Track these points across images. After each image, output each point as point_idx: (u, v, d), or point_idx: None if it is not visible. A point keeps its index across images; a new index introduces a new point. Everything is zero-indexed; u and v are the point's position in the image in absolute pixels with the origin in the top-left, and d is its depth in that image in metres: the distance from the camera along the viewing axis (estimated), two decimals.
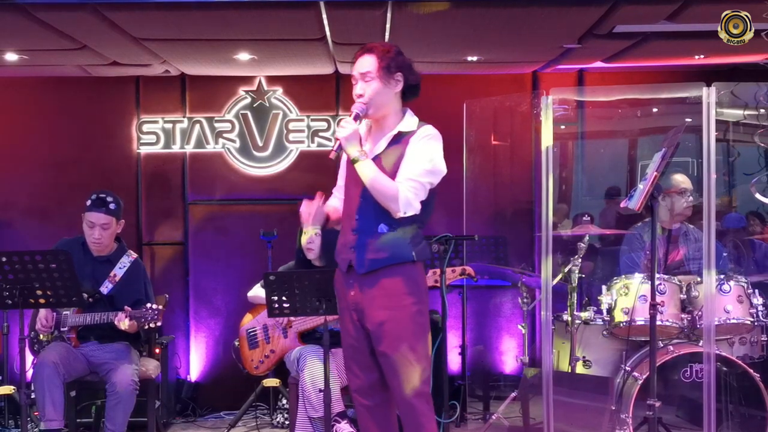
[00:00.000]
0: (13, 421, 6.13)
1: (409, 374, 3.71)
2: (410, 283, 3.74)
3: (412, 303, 3.73)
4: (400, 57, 3.85)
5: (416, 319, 3.73)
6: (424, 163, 3.74)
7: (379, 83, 3.79)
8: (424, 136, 3.81)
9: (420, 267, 3.80)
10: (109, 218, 5.10)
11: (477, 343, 6.95)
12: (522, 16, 5.11)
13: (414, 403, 3.72)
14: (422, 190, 3.74)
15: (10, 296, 4.27)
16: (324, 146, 6.96)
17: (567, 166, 7.21)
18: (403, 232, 3.76)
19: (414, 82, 3.88)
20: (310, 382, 4.73)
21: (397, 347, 3.70)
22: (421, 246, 3.81)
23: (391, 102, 3.84)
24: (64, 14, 4.95)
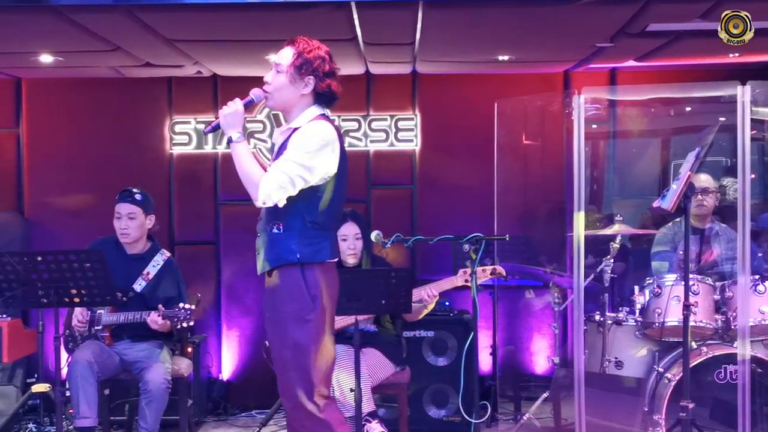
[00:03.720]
0: (48, 419, 6.18)
1: (286, 381, 3.68)
2: (292, 286, 3.65)
3: (294, 309, 3.64)
4: (318, 61, 3.70)
5: (295, 325, 3.63)
6: (297, 157, 3.60)
7: (285, 79, 3.72)
8: (305, 130, 3.68)
9: (310, 269, 3.64)
10: (135, 208, 5.15)
11: (508, 343, 6.92)
12: (554, 16, 5.09)
13: (289, 411, 3.73)
14: (289, 183, 3.58)
15: (45, 295, 4.32)
16: (355, 146, 6.97)
17: (599, 165, 7.17)
18: (291, 232, 3.66)
19: (321, 91, 3.74)
20: (340, 382, 4.73)
21: (278, 350, 3.69)
22: (313, 248, 3.65)
23: (297, 100, 3.75)
24: (98, 16, 4.99)
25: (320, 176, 3.65)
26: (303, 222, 3.66)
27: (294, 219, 3.66)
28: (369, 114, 7.01)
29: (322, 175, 3.65)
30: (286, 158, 3.63)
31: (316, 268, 3.67)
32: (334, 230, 3.85)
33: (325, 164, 3.65)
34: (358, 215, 5.18)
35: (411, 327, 5.72)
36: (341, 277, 4.41)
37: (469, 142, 6.96)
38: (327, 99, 3.79)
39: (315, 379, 3.65)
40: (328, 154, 3.66)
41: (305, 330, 3.63)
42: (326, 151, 3.65)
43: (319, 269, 3.68)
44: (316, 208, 3.67)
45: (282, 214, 3.67)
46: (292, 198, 3.64)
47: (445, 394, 5.94)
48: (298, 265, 3.65)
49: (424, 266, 6.96)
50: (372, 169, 7.05)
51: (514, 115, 6.36)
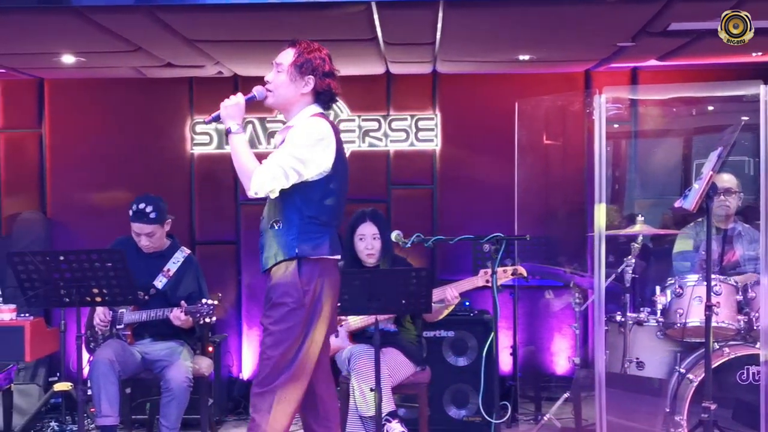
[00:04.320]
0: (70, 417, 6.22)
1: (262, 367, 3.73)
2: (287, 280, 3.69)
3: (284, 302, 3.69)
4: (318, 61, 3.81)
5: (280, 317, 3.69)
6: (291, 150, 3.67)
7: (286, 78, 3.80)
8: (301, 126, 3.75)
9: (307, 265, 3.70)
10: (152, 227, 5.18)
11: (528, 343, 6.91)
12: (575, 15, 5.07)
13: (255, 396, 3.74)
14: (282, 175, 3.64)
15: (68, 294, 4.34)
16: (375, 146, 6.98)
17: (620, 165, 7.14)
18: (289, 228, 3.71)
19: (320, 90, 3.82)
20: (360, 381, 4.74)
21: (263, 339, 3.75)
22: (311, 243, 3.70)
23: (297, 99, 3.82)
24: (119, 17, 5.02)
25: (314, 170, 3.70)
26: (301, 216, 3.71)
27: (292, 214, 3.72)
28: (389, 114, 7.01)
29: (316, 169, 3.70)
30: (282, 151, 3.70)
31: (313, 264, 3.72)
32: (335, 227, 3.84)
33: (319, 158, 3.70)
34: (377, 215, 5.18)
35: (431, 327, 5.71)
36: (361, 277, 4.43)
37: (490, 141, 6.95)
38: (326, 98, 3.87)
39: (287, 374, 3.68)
40: (323, 149, 3.71)
41: (289, 324, 3.68)
42: (321, 145, 3.71)
43: (316, 265, 3.72)
44: (314, 203, 3.72)
45: (280, 210, 3.74)
46: (289, 194, 3.70)
47: (466, 394, 5.93)
48: (295, 260, 3.70)
49: (444, 266, 6.95)
50: (392, 169, 7.05)
51: (535, 115, 6.35)
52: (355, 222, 5.14)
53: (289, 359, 3.69)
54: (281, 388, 3.68)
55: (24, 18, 5.01)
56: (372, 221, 5.11)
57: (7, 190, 7.11)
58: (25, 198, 7.11)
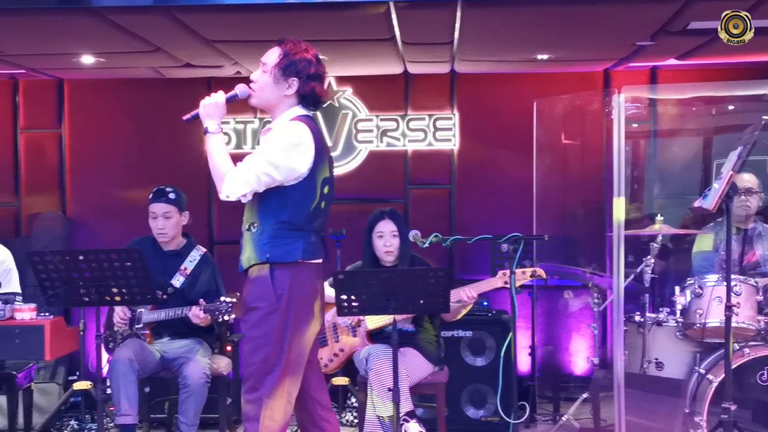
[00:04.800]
0: (89, 416, 6.25)
1: (249, 374, 3.74)
2: (260, 285, 3.68)
3: (259, 307, 3.67)
4: (303, 63, 3.73)
5: (257, 323, 3.68)
6: (265, 154, 3.62)
7: (270, 79, 3.75)
8: (278, 129, 3.70)
9: (279, 269, 3.66)
10: (170, 207, 5.19)
11: (547, 343, 6.89)
12: (594, 14, 5.05)
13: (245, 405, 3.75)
14: (255, 180, 3.60)
15: (87, 294, 4.36)
16: (393, 146, 6.98)
17: (639, 165, 7.11)
18: (263, 231, 3.69)
19: (304, 93, 3.75)
20: (378, 381, 4.73)
21: (243, 345, 3.75)
22: (283, 248, 3.67)
23: (280, 101, 3.76)
24: (138, 17, 5.04)
25: (289, 175, 3.65)
26: (275, 221, 3.68)
27: (267, 219, 3.69)
28: (407, 113, 7.01)
29: (291, 174, 3.65)
30: (256, 155, 3.66)
31: (285, 268, 3.68)
32: (313, 231, 3.77)
33: (294, 164, 3.64)
34: (395, 214, 5.18)
35: (449, 327, 5.70)
36: (379, 277, 4.42)
37: (508, 141, 6.94)
38: (311, 101, 3.80)
39: (270, 379, 3.67)
40: (298, 154, 3.65)
41: (265, 330, 3.67)
42: (297, 151, 3.65)
43: (289, 269, 3.68)
44: (290, 208, 3.68)
45: (257, 213, 3.72)
46: (265, 197, 3.68)
47: (484, 394, 5.92)
48: (267, 265, 3.67)
49: (462, 266, 6.94)
50: (410, 169, 7.05)
51: (554, 115, 6.34)
52: (373, 220, 5.14)
53: (271, 365, 3.68)
54: (267, 396, 3.68)
55: (44, 19, 5.04)
56: (390, 219, 5.11)
57: (28, 190, 7.16)
58: (44, 198, 7.15)
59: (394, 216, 5.13)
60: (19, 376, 4.97)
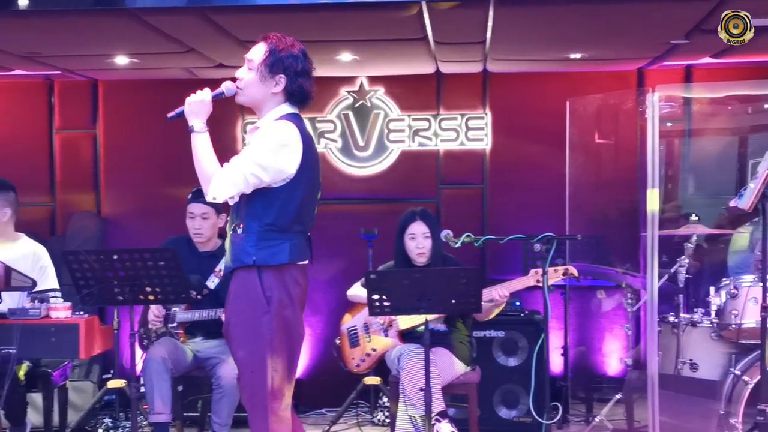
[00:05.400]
0: (123, 414, 6.31)
1: (241, 381, 3.70)
2: (248, 288, 3.61)
3: (249, 311, 3.61)
4: (290, 60, 3.64)
5: (248, 327, 3.61)
6: (252, 155, 3.56)
7: (256, 76, 3.67)
8: (265, 130, 3.64)
9: (267, 272, 3.60)
10: (208, 208, 5.22)
11: (579, 343, 6.85)
12: (627, 13, 5.02)
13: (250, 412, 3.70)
14: (242, 181, 3.54)
15: (121, 293, 4.39)
16: (425, 146, 6.98)
17: (673, 164, 7.05)
18: (249, 233, 3.62)
19: (291, 90, 3.67)
20: (410, 381, 4.73)
21: (234, 351, 3.69)
22: (270, 251, 3.60)
23: (267, 98, 3.69)
24: (172, 18, 5.08)
25: (276, 176, 3.59)
26: (260, 224, 3.61)
27: (252, 221, 3.62)
28: (439, 113, 7.00)
29: (279, 175, 3.59)
30: (243, 156, 3.61)
31: (272, 271, 3.61)
32: (299, 232, 3.73)
33: (281, 164, 3.58)
34: (427, 214, 5.17)
35: (481, 327, 5.69)
36: (411, 277, 4.42)
37: (541, 141, 6.91)
38: (298, 98, 3.73)
39: (269, 382, 3.61)
40: (286, 155, 3.59)
41: (258, 333, 3.60)
42: (284, 151, 3.58)
43: (277, 272, 3.62)
44: (275, 210, 3.61)
45: (242, 215, 3.65)
46: (251, 199, 3.62)
47: (516, 394, 5.90)
48: (254, 268, 3.61)
49: (494, 266, 6.92)
50: (442, 169, 7.04)
51: (587, 114, 6.30)
52: (405, 221, 5.13)
53: (266, 368, 3.60)
54: (270, 399, 3.63)
55: (79, 20, 5.09)
56: (422, 220, 5.10)
57: (63, 190, 7.23)
58: (79, 197, 7.22)
59: (425, 216, 5.13)
60: (54, 374, 5.02)
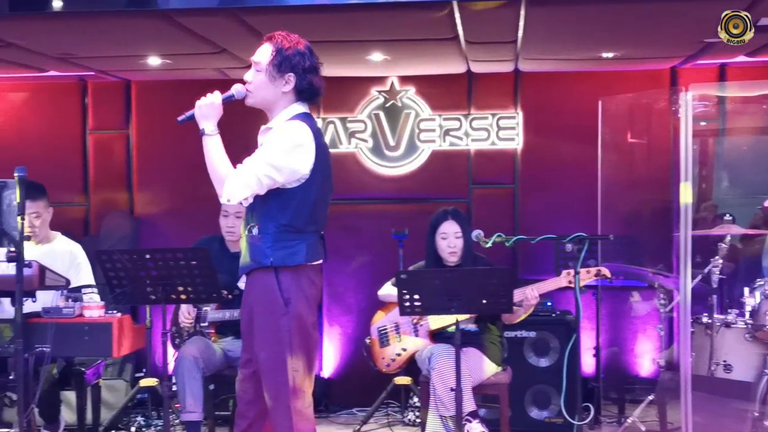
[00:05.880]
0: (155, 412, 6.35)
1: (264, 382, 3.66)
2: (266, 290, 3.62)
3: (268, 312, 3.61)
4: (297, 57, 3.64)
5: (268, 329, 3.62)
6: (266, 156, 3.57)
7: (265, 77, 3.67)
8: (278, 130, 3.63)
9: (284, 273, 3.61)
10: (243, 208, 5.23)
11: (612, 344, 6.81)
12: (661, 11, 4.98)
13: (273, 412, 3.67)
14: (256, 182, 3.57)
15: (154, 292, 4.42)
16: (456, 145, 6.96)
17: (707, 164, 6.99)
18: (265, 234, 3.62)
19: (301, 87, 3.67)
20: (441, 381, 4.72)
21: (257, 353, 3.67)
22: (286, 251, 3.60)
23: (278, 98, 3.69)
24: (204, 19, 5.10)
25: (290, 177, 3.59)
26: (276, 225, 3.61)
27: (268, 222, 3.63)
28: (470, 113, 6.99)
29: (293, 176, 3.59)
30: (256, 157, 3.62)
31: (290, 272, 3.62)
32: (314, 232, 3.70)
33: (295, 165, 3.58)
34: (459, 214, 5.16)
35: (512, 327, 5.67)
36: (442, 277, 4.41)
37: (573, 140, 6.88)
38: (309, 95, 3.72)
39: (290, 381, 3.61)
40: (300, 155, 3.59)
41: (278, 334, 3.60)
42: (298, 152, 3.59)
43: (294, 273, 3.62)
44: (291, 210, 3.61)
45: (257, 216, 3.66)
46: (265, 200, 3.63)
47: (547, 395, 5.88)
48: (271, 269, 3.61)
49: (526, 266, 6.90)
50: (473, 168, 7.02)
51: (619, 113, 6.26)
52: (436, 221, 5.13)
53: (287, 369, 3.61)
54: (293, 398, 3.62)
55: (113, 21, 5.13)
56: (454, 220, 5.10)
57: (96, 190, 7.29)
58: (113, 197, 7.28)
59: (457, 216, 5.12)
60: (87, 372, 5.06)
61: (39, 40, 5.56)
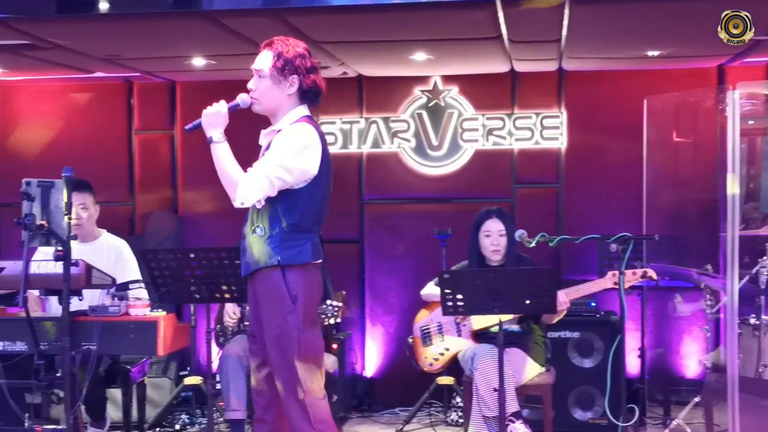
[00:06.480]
0: (199, 410, 6.40)
1: (277, 380, 3.73)
2: (274, 288, 3.68)
3: (276, 310, 3.67)
4: (298, 59, 3.74)
5: (277, 326, 3.68)
6: (276, 158, 3.66)
7: (269, 82, 3.76)
8: (286, 133, 3.71)
9: (291, 271, 3.68)
10: None
11: (657, 345, 6.74)
12: (707, 8, 4.91)
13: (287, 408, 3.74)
14: (268, 184, 3.65)
15: (198, 291, 4.46)
16: (499, 145, 6.93)
17: (755, 163, 6.89)
18: (271, 234, 3.69)
19: (306, 88, 3.77)
20: (484, 381, 4.71)
21: (268, 352, 3.72)
22: (293, 251, 3.68)
23: (283, 101, 3.78)
24: (248, 20, 5.13)
25: (300, 177, 3.68)
26: (283, 225, 3.69)
27: (275, 222, 3.70)
28: (514, 112, 6.95)
29: (302, 176, 3.69)
30: (266, 160, 3.71)
31: (296, 270, 3.69)
32: (317, 231, 3.81)
33: (304, 166, 3.68)
34: (503, 212, 5.15)
35: (556, 328, 5.64)
36: (485, 276, 4.40)
37: (617, 139, 6.82)
38: (313, 95, 3.81)
39: (300, 378, 3.68)
40: (308, 156, 3.69)
41: (286, 331, 3.67)
42: (306, 153, 3.69)
43: (300, 271, 3.70)
44: (297, 210, 3.70)
45: (263, 217, 3.73)
46: (273, 201, 3.70)
47: (591, 396, 5.84)
48: (278, 268, 3.68)
49: (569, 266, 6.85)
50: (516, 168, 6.99)
51: (665, 112, 6.20)
52: (480, 219, 5.12)
53: (295, 365, 3.69)
54: (307, 393, 3.70)
55: (159, 23, 5.18)
56: (498, 218, 5.09)
57: (141, 190, 7.36)
58: (157, 197, 7.35)
59: (501, 215, 5.11)
60: (133, 370, 5.12)
61: (85, 41, 5.63)
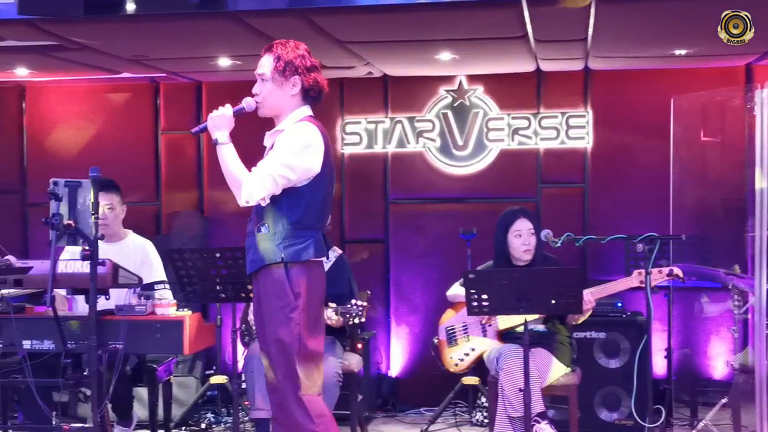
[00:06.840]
0: (225, 410, 6.43)
1: (275, 377, 3.79)
2: (277, 285, 3.74)
3: (279, 307, 3.72)
4: (298, 60, 3.83)
5: (279, 323, 3.73)
6: (280, 157, 3.74)
7: (272, 85, 3.83)
8: (289, 132, 3.78)
9: (294, 269, 3.75)
10: None
11: (684, 346, 6.69)
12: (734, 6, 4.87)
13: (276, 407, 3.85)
14: (271, 183, 3.72)
15: (223, 290, 4.48)
16: (524, 144, 6.91)
17: None
18: (275, 232, 3.74)
19: (308, 87, 3.85)
20: (509, 382, 4.70)
21: (268, 349, 3.78)
22: (297, 248, 3.75)
23: (287, 103, 3.86)
24: (274, 20, 5.14)
25: (303, 176, 3.76)
26: (287, 222, 3.76)
27: (278, 220, 3.77)
28: (539, 112, 6.93)
29: (305, 174, 3.76)
30: (270, 159, 3.77)
31: (299, 267, 3.76)
32: (320, 229, 3.88)
33: (308, 164, 3.76)
34: (529, 212, 5.15)
35: (581, 328, 5.62)
36: (510, 276, 4.39)
37: (644, 139, 6.79)
38: (315, 94, 3.89)
39: (300, 375, 3.74)
40: (311, 155, 3.77)
41: (288, 328, 3.73)
42: (309, 151, 3.77)
43: (303, 268, 3.77)
44: (300, 208, 3.77)
45: (267, 215, 3.80)
46: (276, 199, 3.76)
47: (617, 396, 5.81)
48: (282, 265, 3.74)
49: (595, 266, 6.82)
50: (542, 167, 6.97)
51: (692, 112, 6.15)
52: (508, 220, 5.10)
53: (300, 363, 3.75)
54: (303, 390, 3.76)
55: (185, 23, 5.20)
56: (525, 218, 5.08)
57: (168, 190, 7.40)
58: (183, 197, 7.39)
59: (528, 214, 5.11)
60: (159, 369, 5.14)
61: (113, 42, 5.66)
